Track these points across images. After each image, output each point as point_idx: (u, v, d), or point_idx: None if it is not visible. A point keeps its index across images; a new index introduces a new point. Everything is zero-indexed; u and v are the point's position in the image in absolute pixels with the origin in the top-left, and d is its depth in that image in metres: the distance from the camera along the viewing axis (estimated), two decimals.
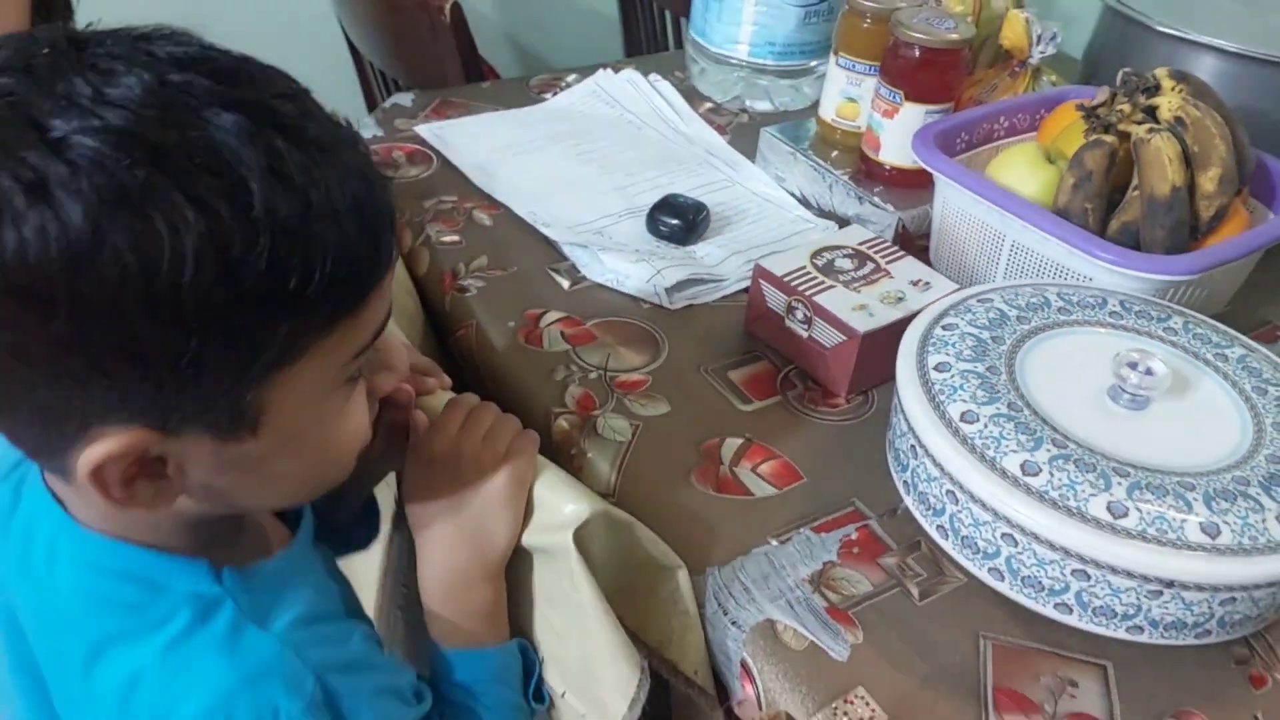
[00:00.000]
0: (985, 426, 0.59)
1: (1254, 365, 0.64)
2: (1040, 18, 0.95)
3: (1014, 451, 0.57)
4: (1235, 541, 0.53)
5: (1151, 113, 0.77)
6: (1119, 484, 0.55)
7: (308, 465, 0.47)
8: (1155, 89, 0.78)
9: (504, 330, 0.79)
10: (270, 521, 0.54)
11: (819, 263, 0.77)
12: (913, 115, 0.88)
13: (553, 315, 0.80)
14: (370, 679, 0.49)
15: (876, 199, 0.90)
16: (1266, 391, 0.62)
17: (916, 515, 0.63)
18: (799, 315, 0.75)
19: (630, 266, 0.83)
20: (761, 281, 0.77)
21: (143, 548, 0.45)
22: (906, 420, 0.61)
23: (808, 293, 0.74)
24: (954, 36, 0.85)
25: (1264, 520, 0.54)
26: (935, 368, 0.63)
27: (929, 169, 0.81)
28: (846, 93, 0.95)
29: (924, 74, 0.86)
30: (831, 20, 1.08)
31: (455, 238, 0.88)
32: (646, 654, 0.59)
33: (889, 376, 0.66)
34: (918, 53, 0.86)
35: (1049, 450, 0.57)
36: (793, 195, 0.98)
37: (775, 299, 0.76)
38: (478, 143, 1.00)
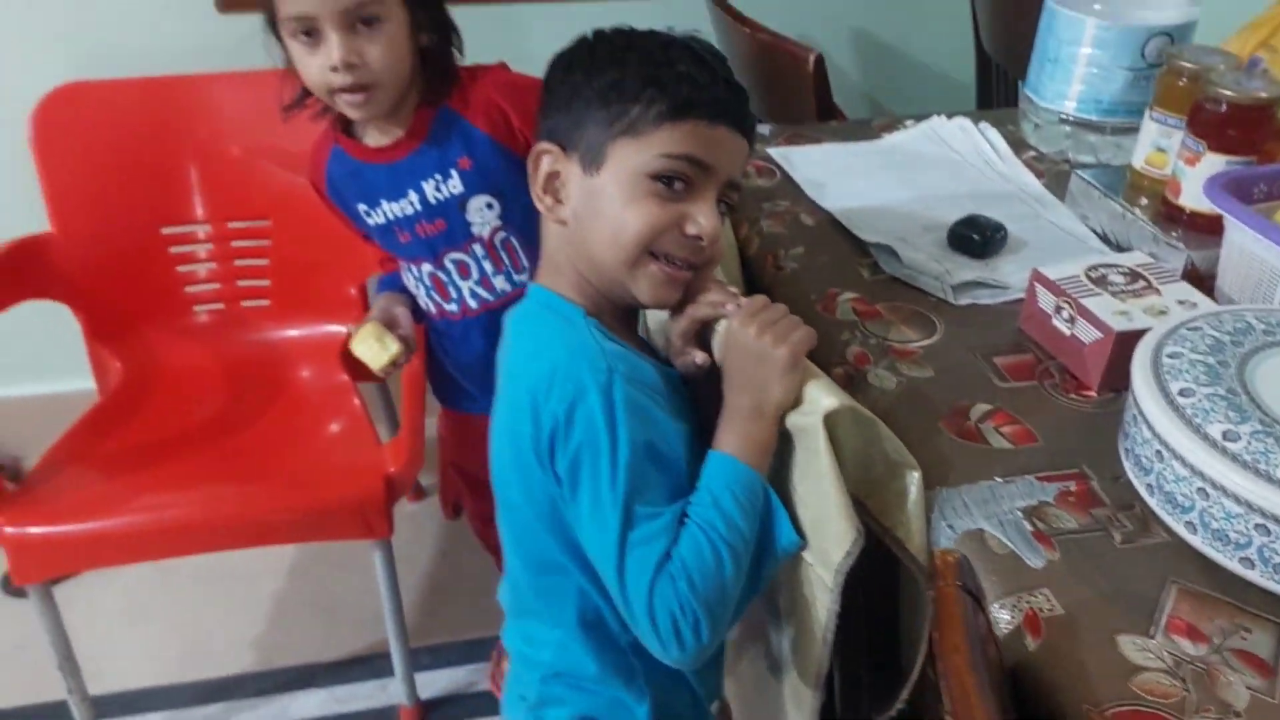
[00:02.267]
0: (1199, 400, 0.68)
1: None
2: None
3: (1219, 422, 0.66)
4: None
5: None
6: None
7: (608, 223, 0.75)
8: None
9: (806, 302, 0.97)
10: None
11: (1093, 275, 0.88)
12: (1213, 164, 0.96)
13: (849, 294, 0.97)
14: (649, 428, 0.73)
15: (1172, 238, 0.98)
16: None
17: (1130, 475, 0.73)
18: (1064, 314, 0.86)
19: (924, 262, 0.98)
20: (1036, 283, 0.89)
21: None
22: (1133, 394, 0.72)
23: (1075, 294, 0.85)
24: (1262, 95, 0.93)
25: None
26: (1168, 355, 0.73)
27: (1217, 207, 0.89)
28: (1157, 143, 1.04)
29: (1228, 126, 0.94)
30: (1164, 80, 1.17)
31: (782, 230, 1.08)
32: (881, 530, 0.74)
33: None
34: (1224, 107, 0.94)
35: (1253, 425, 0.66)
36: (1094, 232, 1.08)
37: (1046, 299, 0.88)
38: (816, 164, 1.20)
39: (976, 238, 1.02)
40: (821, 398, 0.72)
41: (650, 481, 0.72)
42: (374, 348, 1.09)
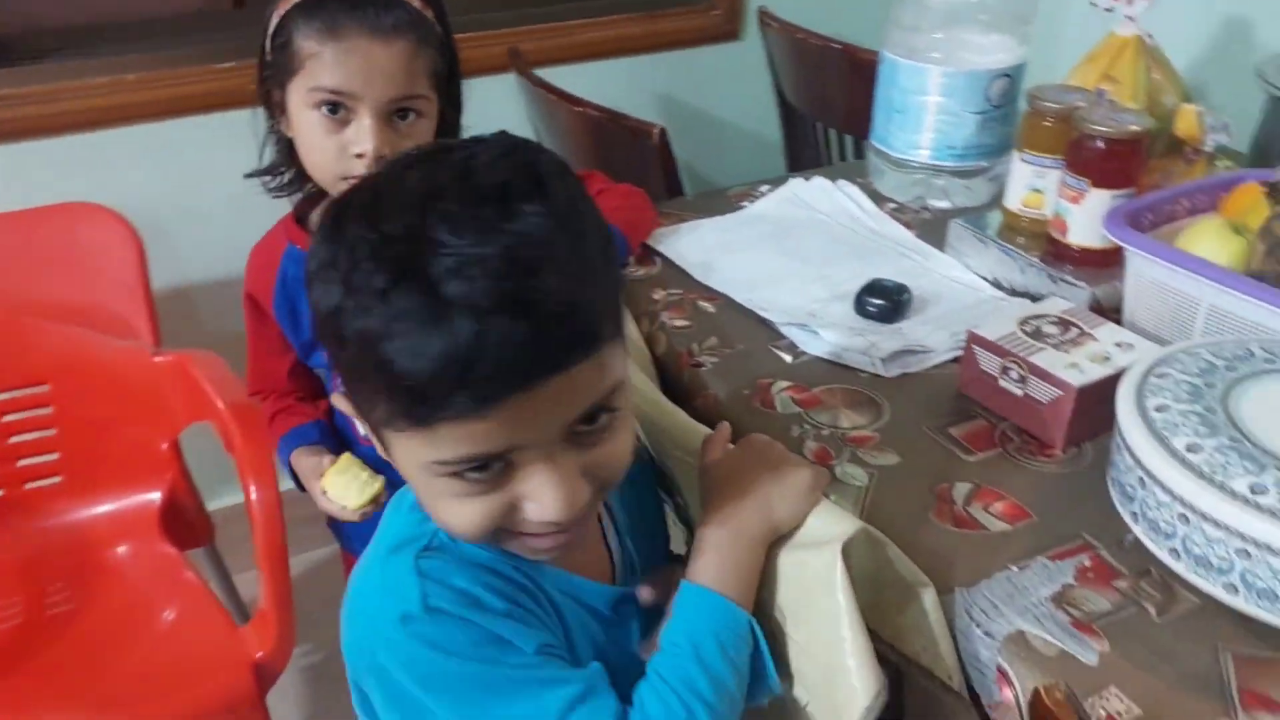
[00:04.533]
0: (1211, 455, 0.65)
1: None
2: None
3: (1240, 475, 0.64)
4: None
5: None
6: None
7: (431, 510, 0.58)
8: None
9: (740, 397, 0.89)
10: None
11: (1027, 329, 0.86)
12: (1099, 200, 0.97)
13: (781, 384, 0.91)
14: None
15: (1068, 276, 0.98)
16: None
17: (1147, 542, 0.69)
18: (1013, 375, 0.83)
19: (847, 340, 0.93)
20: (975, 346, 0.86)
21: None
22: (1133, 454, 0.69)
23: (1022, 354, 0.82)
24: (1135, 128, 0.94)
25: None
26: (1155, 409, 0.70)
27: (1124, 245, 0.90)
28: (1032, 184, 1.05)
29: (1108, 162, 0.96)
30: (1005, 125, 1.19)
31: (686, 323, 1.01)
32: (903, 661, 0.66)
33: (1100, 430, 0.74)
34: (1102, 144, 0.95)
35: (1274, 474, 0.63)
36: (983, 278, 1.07)
37: (989, 362, 0.85)
38: (693, 244, 1.14)
39: (885, 303, 0.99)
40: (835, 522, 0.64)
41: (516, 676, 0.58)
42: (354, 482, 0.93)
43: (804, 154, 1.87)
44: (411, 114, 0.90)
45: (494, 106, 1.06)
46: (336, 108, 0.88)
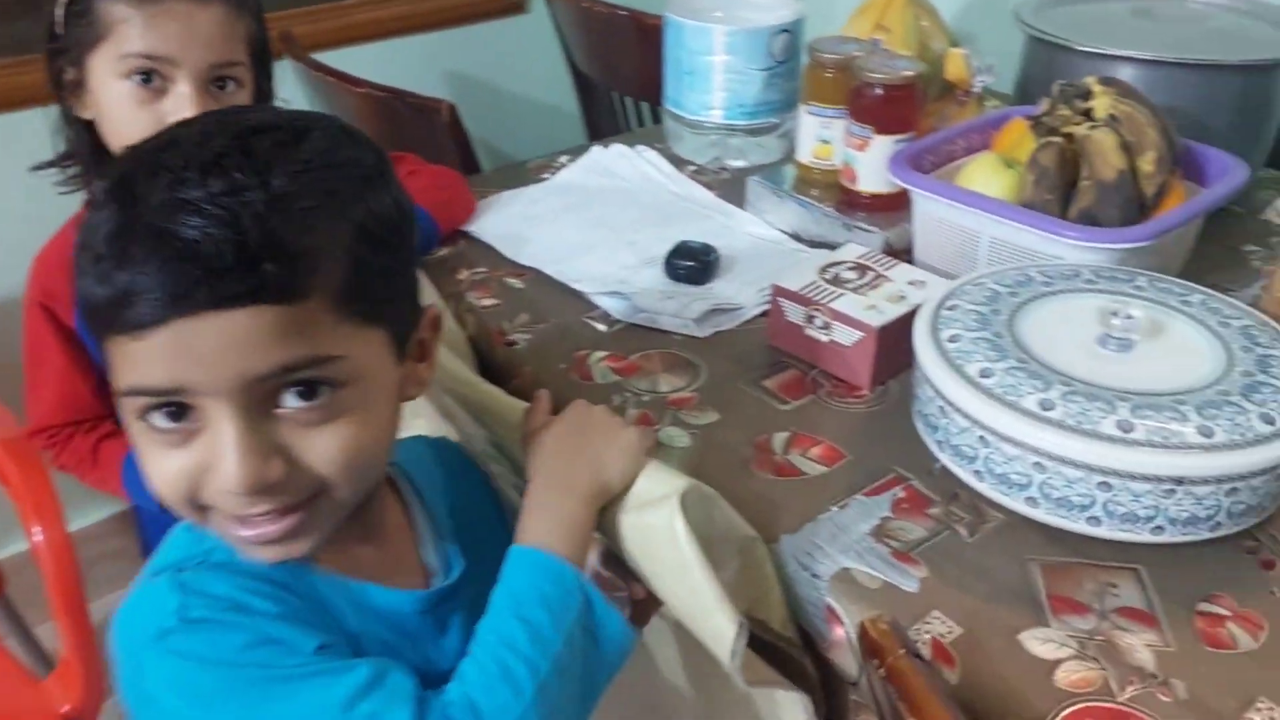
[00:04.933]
0: (1002, 378, 0.69)
1: (1214, 306, 0.75)
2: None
3: (1030, 394, 0.67)
4: (1228, 439, 0.63)
5: (1088, 114, 0.90)
6: (1123, 406, 0.65)
7: None
8: (1088, 94, 0.91)
9: (557, 372, 0.88)
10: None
11: (827, 276, 0.88)
12: (883, 146, 1.00)
13: (598, 354, 0.90)
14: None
15: (861, 223, 1.02)
16: (1229, 324, 0.73)
17: (953, 467, 0.72)
18: (818, 322, 0.85)
19: (659, 304, 0.93)
20: (779, 298, 0.87)
21: None
22: (933, 386, 0.71)
23: (824, 301, 0.84)
24: (909, 73, 0.98)
25: (1249, 420, 0.64)
26: (949, 339, 0.73)
27: (908, 187, 0.93)
28: (820, 135, 1.07)
29: (889, 108, 0.99)
30: (790, 80, 1.22)
31: (494, 301, 0.98)
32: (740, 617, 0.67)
33: (903, 367, 0.77)
34: (880, 91, 0.99)
35: (1059, 389, 0.67)
36: (784, 232, 1.09)
37: (794, 311, 0.87)
38: (496, 219, 1.11)
39: (694, 264, 0.99)
40: (669, 478, 0.64)
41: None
42: None
43: (602, 124, 1.86)
44: (231, 83, 0.85)
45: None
46: (150, 76, 0.81)
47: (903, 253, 1.02)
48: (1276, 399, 0.66)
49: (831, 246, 1.04)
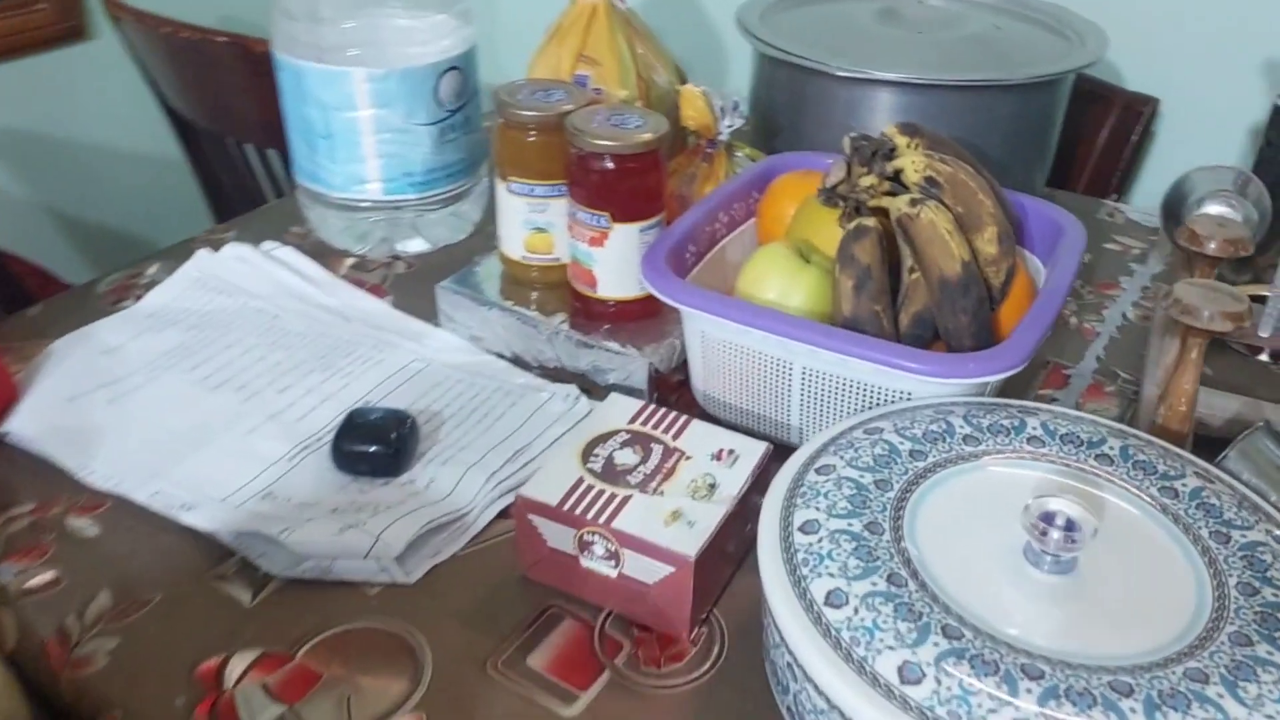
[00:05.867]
0: (856, 612, 0.43)
1: (1211, 502, 0.50)
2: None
3: (891, 648, 0.42)
4: None
5: (897, 178, 0.66)
6: (1028, 691, 0.40)
7: None
8: (891, 151, 0.67)
9: (171, 713, 0.51)
10: None
11: (595, 467, 0.58)
12: (627, 237, 0.71)
13: (241, 660, 0.53)
14: None
15: (613, 344, 0.72)
16: (1229, 538, 0.48)
17: None
18: (599, 551, 0.55)
19: (333, 540, 0.58)
20: (532, 518, 0.56)
21: None
22: (771, 614, 0.45)
23: (602, 520, 0.54)
24: (648, 136, 0.69)
25: None
26: (801, 528, 0.47)
27: (680, 306, 0.65)
28: (532, 223, 0.76)
29: (629, 186, 0.70)
30: (470, 130, 0.90)
31: (50, 575, 0.58)
32: None
33: (726, 583, 0.49)
34: (612, 164, 0.69)
35: (936, 644, 0.42)
36: (501, 356, 0.78)
37: (559, 536, 0.56)
38: (46, 401, 0.70)
39: (380, 449, 0.65)
40: None
41: None
42: None
43: (222, 179, 1.44)
44: None
45: None
46: None
47: (672, 376, 0.74)
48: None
49: (568, 374, 0.74)
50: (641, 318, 0.75)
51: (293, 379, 0.74)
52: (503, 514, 0.63)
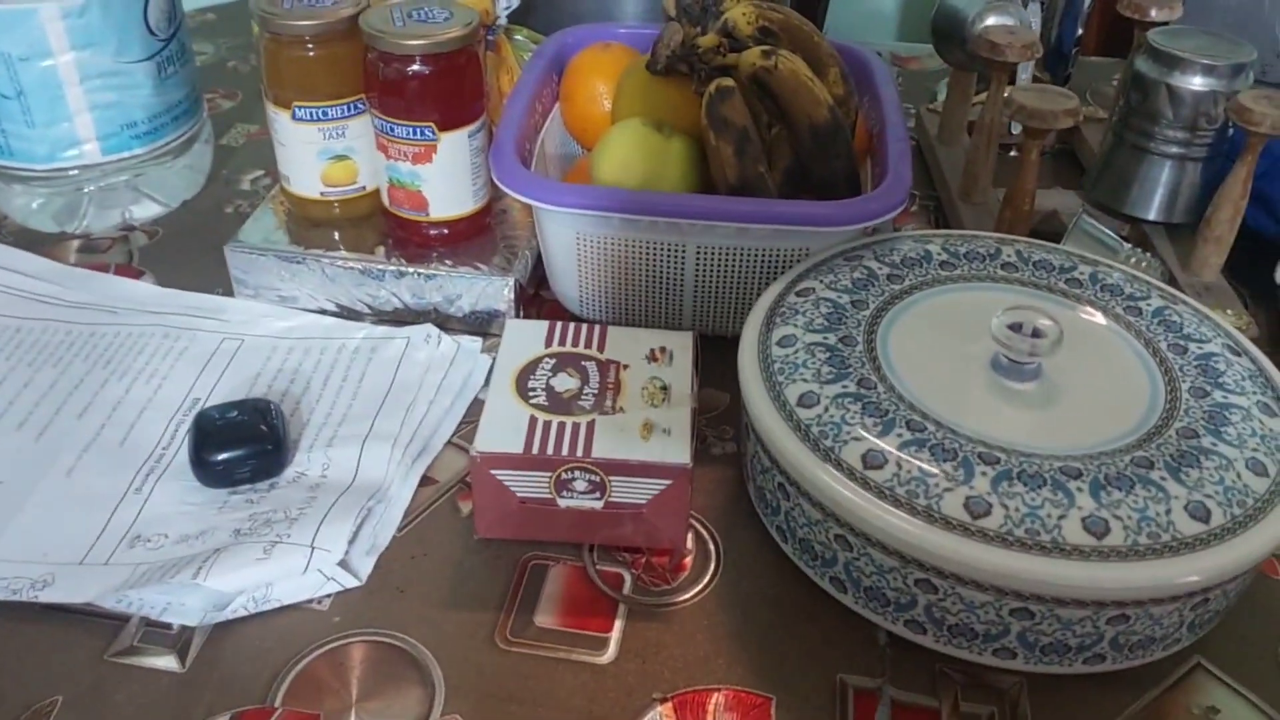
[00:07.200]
0: (826, 410, 0.46)
1: (1173, 319, 0.53)
2: None
3: (856, 439, 0.45)
4: (1127, 541, 0.41)
5: (731, 35, 0.64)
6: (983, 474, 0.43)
7: None
8: (718, 4, 0.64)
9: None
10: None
11: (540, 401, 0.52)
12: (455, 146, 0.63)
13: None
14: None
15: (465, 269, 0.65)
16: (1186, 350, 0.51)
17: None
18: (579, 486, 0.50)
19: (263, 565, 0.49)
20: (496, 473, 0.50)
21: None
22: (749, 410, 0.48)
23: (579, 454, 0.49)
24: (462, 29, 0.61)
25: (1168, 512, 0.42)
26: (779, 342, 0.49)
27: (552, 209, 0.59)
28: (330, 150, 0.66)
29: (448, 88, 0.62)
30: (188, 64, 0.75)
31: None
32: None
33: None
34: (428, 66, 0.61)
35: (900, 435, 0.45)
36: (324, 312, 0.68)
37: (531, 484, 0.50)
38: None
39: (259, 448, 0.54)
40: None
41: None
42: None
43: None
44: None
45: None
46: None
47: (530, 288, 0.68)
48: (1222, 480, 0.44)
49: (416, 310, 0.67)
50: (474, 235, 0.68)
51: (85, 397, 0.60)
52: (425, 482, 0.56)
